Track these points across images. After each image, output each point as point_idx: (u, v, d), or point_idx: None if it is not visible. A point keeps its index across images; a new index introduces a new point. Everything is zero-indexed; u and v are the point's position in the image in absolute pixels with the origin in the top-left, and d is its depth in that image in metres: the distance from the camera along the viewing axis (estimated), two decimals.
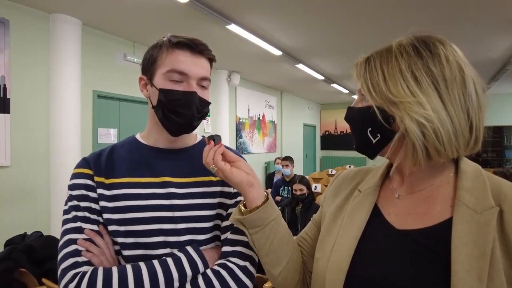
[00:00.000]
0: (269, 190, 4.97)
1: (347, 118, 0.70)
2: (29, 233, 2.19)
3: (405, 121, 0.56)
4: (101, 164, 0.80)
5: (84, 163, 0.81)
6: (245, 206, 0.72)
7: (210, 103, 0.83)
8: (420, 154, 0.57)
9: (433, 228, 0.59)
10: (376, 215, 0.67)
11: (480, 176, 0.60)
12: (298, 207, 3.46)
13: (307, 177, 3.73)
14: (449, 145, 0.56)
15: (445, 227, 0.57)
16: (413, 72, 0.58)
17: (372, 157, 0.67)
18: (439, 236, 0.57)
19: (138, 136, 0.87)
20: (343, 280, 0.62)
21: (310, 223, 0.84)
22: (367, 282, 0.60)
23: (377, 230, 0.65)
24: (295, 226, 3.33)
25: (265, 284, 1.63)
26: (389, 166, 0.73)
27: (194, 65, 0.78)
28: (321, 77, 6.65)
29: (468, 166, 0.62)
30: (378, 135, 0.62)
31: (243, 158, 0.83)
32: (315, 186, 4.34)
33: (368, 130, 0.63)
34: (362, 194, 0.71)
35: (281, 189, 4.65)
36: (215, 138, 0.73)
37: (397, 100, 0.57)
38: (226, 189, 0.83)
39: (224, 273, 0.72)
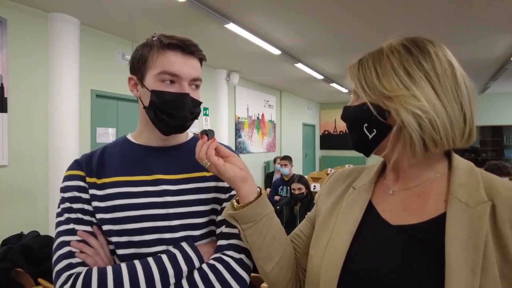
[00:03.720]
0: (268, 189, 4.97)
1: (343, 117, 0.71)
2: (26, 233, 2.19)
3: (401, 114, 0.58)
4: (92, 164, 0.80)
5: (75, 165, 0.81)
6: (238, 201, 0.73)
7: (201, 103, 0.84)
8: (418, 145, 0.58)
9: (427, 223, 0.60)
10: (370, 211, 0.68)
11: (472, 172, 0.61)
12: (297, 206, 3.47)
13: (305, 176, 3.73)
14: (445, 135, 0.57)
15: (439, 221, 0.58)
16: (405, 67, 0.60)
17: (368, 154, 0.68)
18: (433, 231, 0.58)
19: (129, 136, 0.88)
20: (337, 276, 0.62)
21: (305, 220, 0.84)
22: (362, 278, 0.61)
23: (371, 226, 0.66)
24: (293, 225, 3.33)
25: (262, 284, 1.62)
26: (384, 163, 0.74)
27: (186, 66, 0.78)
28: (320, 77, 6.65)
29: (461, 163, 0.63)
30: (374, 130, 0.63)
31: (237, 154, 0.83)
32: (314, 186, 4.33)
33: (364, 126, 0.64)
34: (357, 191, 0.72)
35: (280, 188, 4.64)
36: (208, 133, 0.73)
37: (392, 95, 0.59)
38: (220, 184, 0.83)
39: (219, 266, 0.72)
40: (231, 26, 3.81)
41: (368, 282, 0.60)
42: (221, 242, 0.77)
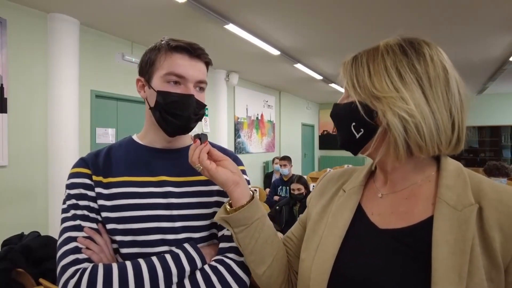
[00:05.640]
0: (268, 189, 4.98)
1: (332, 114, 0.70)
2: (26, 233, 2.19)
3: (387, 115, 0.57)
4: (99, 163, 0.82)
5: (82, 162, 0.82)
6: (230, 205, 0.74)
7: (206, 106, 0.86)
8: (402, 149, 0.58)
9: (415, 226, 0.59)
10: (359, 214, 0.68)
11: (461, 174, 0.60)
12: (296, 206, 3.47)
13: (305, 176, 3.74)
14: (431, 141, 0.57)
15: (427, 225, 0.57)
16: (397, 68, 0.59)
17: (355, 153, 0.67)
18: (421, 235, 0.57)
19: (134, 137, 0.89)
20: (327, 280, 0.63)
21: (297, 223, 0.85)
22: (351, 282, 0.61)
23: (360, 229, 0.66)
24: (292, 225, 3.33)
25: None
26: (374, 165, 0.73)
27: (192, 68, 0.80)
28: (319, 77, 6.66)
29: (450, 164, 0.62)
30: (362, 129, 0.62)
31: (236, 156, 0.86)
32: (313, 186, 4.34)
33: (352, 125, 0.63)
34: (346, 194, 0.72)
35: (279, 188, 4.66)
36: (201, 137, 0.74)
37: (381, 95, 0.58)
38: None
39: (221, 268, 0.74)
40: (231, 27, 3.82)
41: (356, 286, 0.60)
42: (223, 245, 0.78)
